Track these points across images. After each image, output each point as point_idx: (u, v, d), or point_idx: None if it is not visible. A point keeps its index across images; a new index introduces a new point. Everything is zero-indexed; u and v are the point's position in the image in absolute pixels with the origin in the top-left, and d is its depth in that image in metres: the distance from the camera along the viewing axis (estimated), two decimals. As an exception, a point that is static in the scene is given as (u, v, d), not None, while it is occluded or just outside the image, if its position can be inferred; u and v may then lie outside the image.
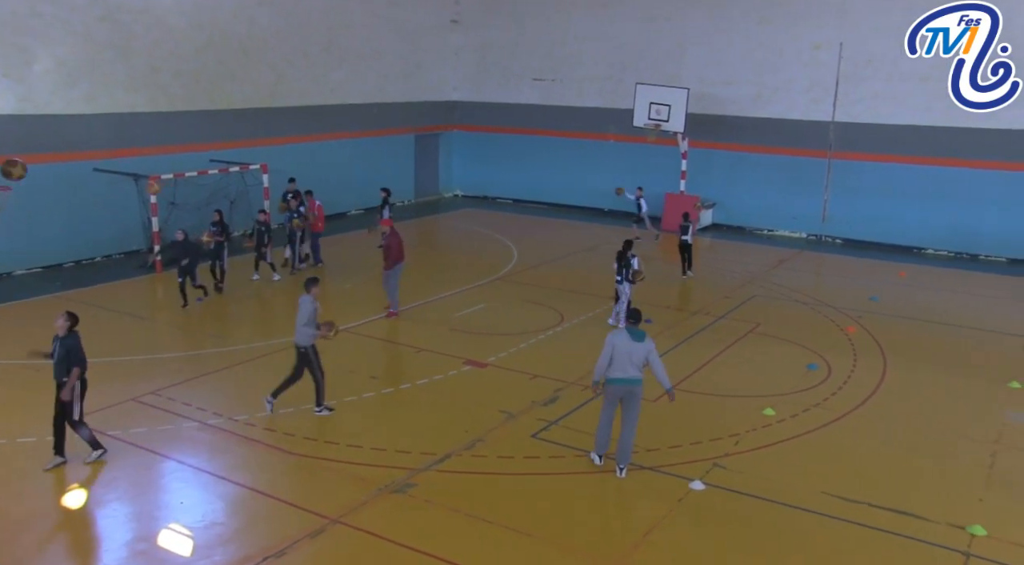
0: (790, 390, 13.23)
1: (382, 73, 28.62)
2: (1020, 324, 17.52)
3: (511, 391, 12.99)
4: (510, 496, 9.83)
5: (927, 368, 14.63)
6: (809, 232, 26.33)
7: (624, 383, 10.15)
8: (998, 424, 12.22)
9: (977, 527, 9.23)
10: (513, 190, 31.41)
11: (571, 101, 29.69)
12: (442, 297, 18.21)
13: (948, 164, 23.95)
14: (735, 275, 20.96)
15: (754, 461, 10.82)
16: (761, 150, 26.45)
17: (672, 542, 8.94)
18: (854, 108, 24.85)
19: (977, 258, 23.86)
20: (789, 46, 25.59)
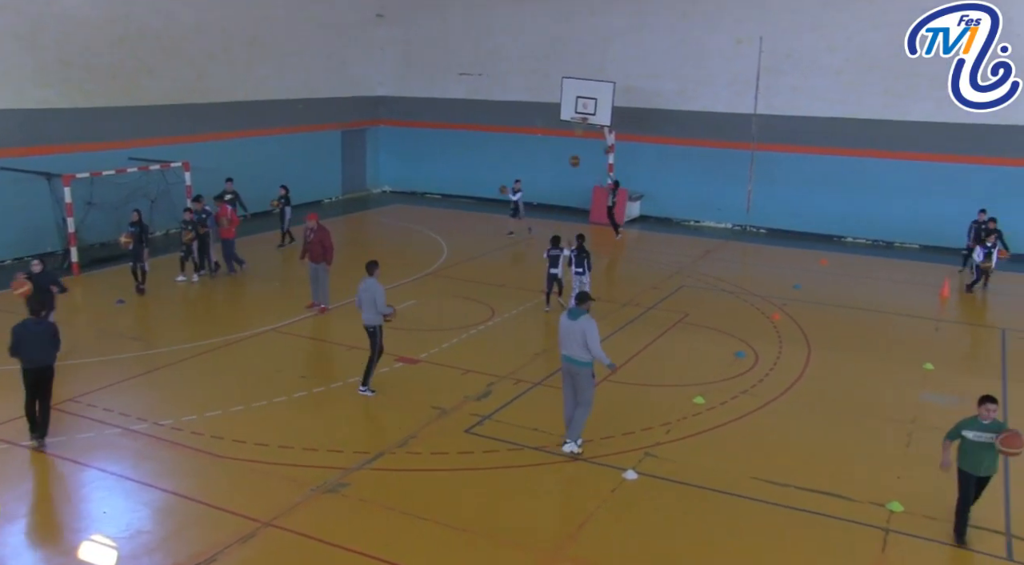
0: (719, 378, 13.49)
1: (307, 69, 28.16)
2: (932, 308, 18.23)
3: (443, 387, 12.94)
4: (445, 492, 9.79)
5: (848, 353, 15.08)
6: (734, 222, 26.89)
7: (567, 361, 10.55)
8: (914, 405, 12.68)
9: (895, 504, 9.57)
10: (442, 185, 31.29)
11: (498, 95, 29.70)
12: (372, 294, 18.00)
13: (864, 155, 24.74)
14: (663, 266, 21.27)
15: (685, 449, 11.00)
16: (687, 143, 26.88)
17: (607, 532, 9.03)
18: (775, 101, 25.45)
19: (892, 245, 24.72)
20: (711, 40, 26.06)
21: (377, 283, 12.49)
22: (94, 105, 21.56)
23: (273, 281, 19.35)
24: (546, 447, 10.86)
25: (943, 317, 17.81)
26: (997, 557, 8.76)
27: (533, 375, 13.51)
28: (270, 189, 22.62)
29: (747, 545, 8.86)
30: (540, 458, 10.60)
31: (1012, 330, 16.50)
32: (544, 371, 13.71)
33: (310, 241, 16.40)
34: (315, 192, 29.01)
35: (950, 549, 8.88)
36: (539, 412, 12.09)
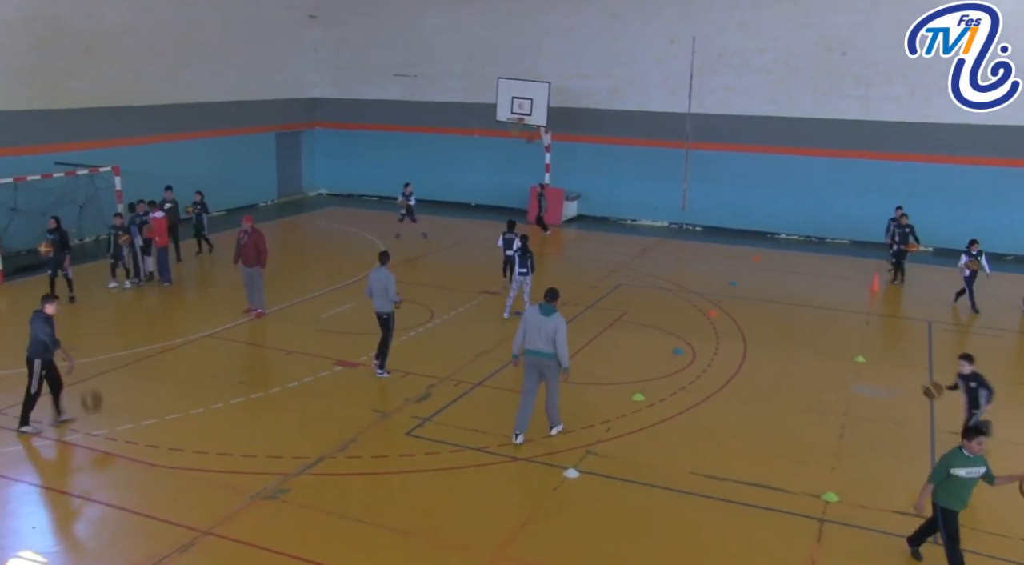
0: (658, 375, 13.66)
1: (239, 70, 27.72)
2: (863, 302, 18.75)
3: (383, 390, 12.87)
4: (386, 496, 9.73)
5: (782, 347, 15.42)
6: (670, 221, 27.27)
7: (535, 355, 10.75)
8: (846, 397, 13.02)
9: (830, 494, 9.81)
10: (378, 187, 31.06)
11: (433, 96, 29.64)
12: (309, 297, 17.82)
13: (795, 153, 25.33)
14: (601, 265, 21.46)
15: (626, 446, 11.11)
16: (622, 142, 27.18)
17: (549, 531, 9.07)
18: (708, 100, 25.90)
19: (824, 241, 25.36)
20: (644, 41, 26.39)
21: (388, 272, 13.18)
22: (15, 108, 20.88)
23: (208, 287, 18.99)
24: (487, 448, 10.87)
25: (873, 311, 18.33)
26: (927, 542, 9.02)
27: (473, 376, 13.51)
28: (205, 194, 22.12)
29: (687, 539, 8.99)
30: (481, 459, 10.61)
31: (937, 322, 17.06)
32: (484, 372, 13.72)
33: (244, 244, 16.04)
34: (250, 196, 28.59)
35: (882, 537, 9.14)
36: (480, 413, 12.11)
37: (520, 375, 11.38)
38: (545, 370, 10.86)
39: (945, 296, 18.51)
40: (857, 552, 8.90)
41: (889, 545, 9.01)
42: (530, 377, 10.98)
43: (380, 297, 13.16)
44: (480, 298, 17.49)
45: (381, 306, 13.19)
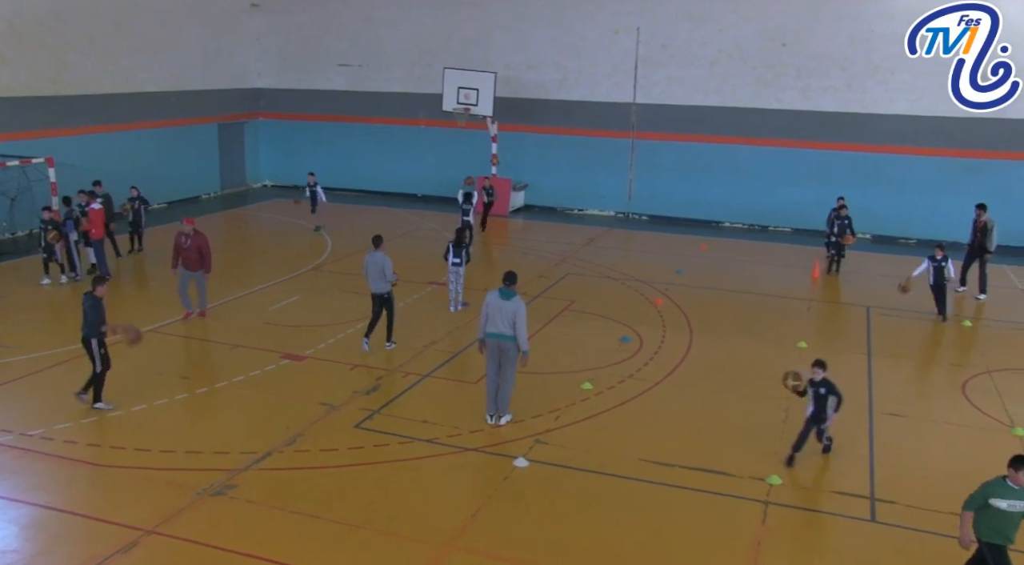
0: (605, 363, 13.77)
1: (179, 59, 27.12)
2: (804, 288, 19.14)
3: (331, 383, 12.75)
4: (335, 489, 9.66)
5: (727, 334, 15.65)
6: (617, 210, 27.47)
7: (497, 337, 10.95)
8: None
9: (774, 477, 10.01)
10: (324, 178, 30.30)
11: (379, 86, 29.39)
12: (254, 290, 17.57)
13: (739, 142, 25.71)
14: (548, 255, 21.53)
15: (575, 434, 11.18)
16: (569, 132, 27.28)
17: (499, 521, 9.10)
18: (653, 90, 26.13)
19: (767, 229, 25.81)
20: (591, 31, 26.49)
21: (384, 255, 13.80)
22: (-60, 96, 20.18)
23: (150, 281, 18.59)
24: (437, 439, 10.86)
25: (814, 297, 18.70)
26: (862, 519, 9.30)
27: (422, 367, 13.47)
28: (144, 186, 21.56)
29: (636, 525, 9.09)
30: (431, 450, 10.59)
31: (875, 307, 17.47)
32: (433, 363, 13.69)
33: (187, 248, 15.15)
34: (192, 188, 28.07)
35: (824, 517, 9.37)
36: (429, 404, 12.08)
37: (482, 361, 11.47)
38: (507, 353, 11.03)
39: (883, 282, 18.95)
40: (800, 533, 9.11)
41: (829, 524, 9.22)
42: (492, 360, 11.15)
43: (377, 279, 13.79)
44: (428, 289, 17.43)
45: (379, 287, 13.85)
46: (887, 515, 9.36)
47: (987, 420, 11.98)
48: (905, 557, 8.62)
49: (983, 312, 17.71)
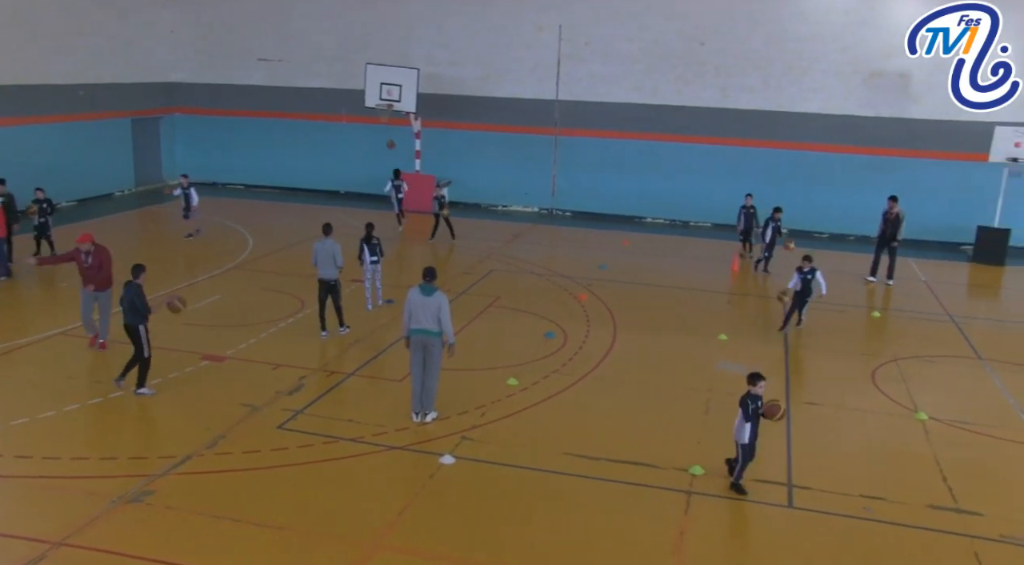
0: (531, 359, 13.83)
1: (87, 51, 26.13)
2: (723, 282, 19.61)
3: (253, 383, 12.49)
4: (258, 492, 9.47)
5: (651, 328, 15.90)
6: (541, 206, 27.63)
7: (420, 333, 10.96)
8: (711, 374, 13.56)
9: (696, 467, 10.22)
10: (245, 175, 30.13)
11: (301, 82, 28.91)
12: (173, 290, 17.08)
13: (660, 139, 26.13)
14: (473, 251, 21.52)
15: (501, 430, 11.21)
16: (493, 128, 27.32)
17: (426, 518, 9.06)
18: (576, 87, 26.34)
19: (687, 224, 26.31)
20: (514, 28, 26.56)
21: (335, 242, 14.35)
22: None
23: (60, 282, 17.89)
24: (362, 438, 10.75)
25: (734, 290, 19.15)
26: (780, 506, 9.57)
27: (346, 366, 13.33)
28: (52, 183, 20.70)
29: (562, 519, 9.17)
30: (356, 449, 10.48)
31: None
32: (357, 361, 13.55)
33: (88, 267, 13.50)
34: (104, 185, 27.15)
35: (744, 504, 9.59)
36: (353, 403, 11.97)
37: (406, 358, 11.40)
38: (431, 349, 11.03)
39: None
40: (723, 520, 9.32)
41: (752, 511, 9.46)
42: (417, 357, 11.12)
43: (327, 265, 14.27)
44: (351, 287, 17.20)
45: (329, 274, 14.32)
46: (803, 500, 9.65)
47: (894, 406, 12.46)
48: (820, 539, 8.89)
49: (890, 303, 18.41)
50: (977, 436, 11.59)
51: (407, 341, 11.19)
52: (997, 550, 8.79)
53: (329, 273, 14.35)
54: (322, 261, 14.32)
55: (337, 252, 14.30)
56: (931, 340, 15.80)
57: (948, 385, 13.84)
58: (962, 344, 15.66)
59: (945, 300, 18.68)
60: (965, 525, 9.23)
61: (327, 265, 14.31)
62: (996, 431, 11.73)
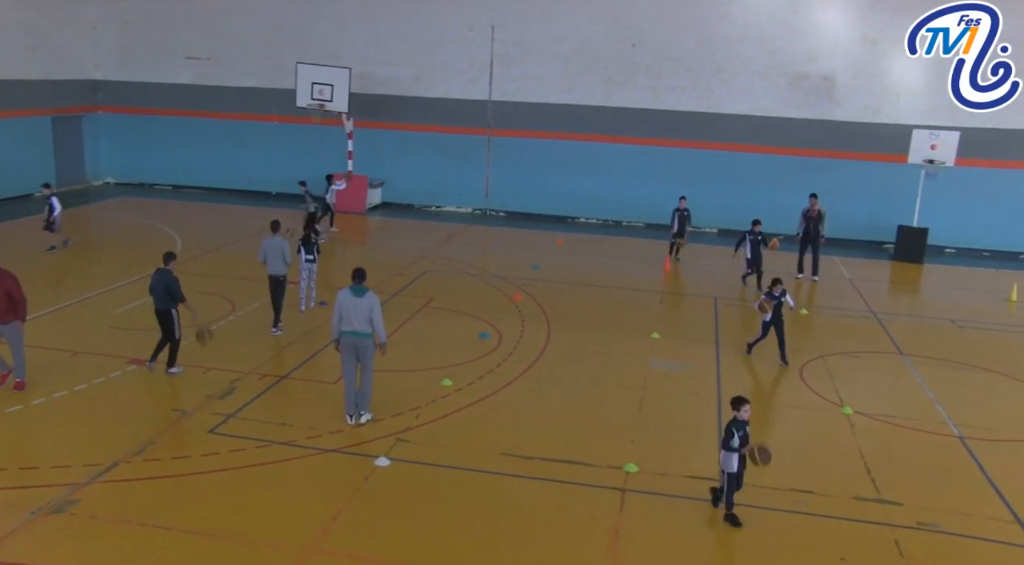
0: (465, 359, 13.82)
1: (3, 46, 25.18)
2: (656, 281, 19.88)
3: (183, 387, 12.23)
4: (189, 498, 9.27)
5: (585, 327, 16.03)
6: (474, 207, 27.63)
7: (352, 335, 10.92)
8: (644, 372, 13.74)
9: (631, 465, 10.34)
10: (172, 176, 29.43)
11: (230, 81, 28.37)
12: (98, 293, 16.62)
13: (591, 139, 26.38)
14: (406, 252, 21.41)
15: (436, 431, 11.18)
16: (425, 129, 27.22)
17: (361, 521, 8.98)
18: (508, 88, 26.42)
19: (620, 224, 26.61)
20: (446, 28, 26.51)
21: (283, 239, 14.69)
22: None
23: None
24: (295, 441, 10.61)
25: (666, 289, 19.43)
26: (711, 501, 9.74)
27: (279, 369, 13.14)
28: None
29: (498, 519, 9.19)
30: (289, 453, 10.34)
31: (722, 299, 18.34)
32: (290, 364, 13.37)
33: None
34: (21, 185, 26.16)
35: (678, 501, 9.74)
36: (286, 406, 11.81)
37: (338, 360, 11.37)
38: (364, 351, 11.01)
39: (729, 275, 19.89)
40: (657, 517, 9.44)
41: (685, 508, 9.61)
42: (349, 359, 11.08)
43: (276, 261, 14.52)
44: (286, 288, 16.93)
45: (278, 269, 14.57)
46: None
47: (821, 401, 12.81)
48: (752, 534, 9.08)
49: (816, 300, 18.91)
50: (899, 429, 12.00)
51: (337, 344, 11.12)
52: (915, 537, 9.12)
53: (278, 269, 14.58)
54: (271, 258, 14.55)
55: (286, 248, 14.59)
56: (856, 336, 16.29)
57: (872, 380, 14.28)
58: (885, 340, 16.18)
59: (868, 297, 19.28)
60: (887, 515, 9.55)
61: (276, 261, 14.54)
62: (916, 424, 12.16)
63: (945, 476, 10.67)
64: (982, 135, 23.51)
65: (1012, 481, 10.50)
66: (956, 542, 9.11)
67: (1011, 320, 18.19)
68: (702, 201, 21.83)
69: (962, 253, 24.67)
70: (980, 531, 9.31)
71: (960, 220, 24.52)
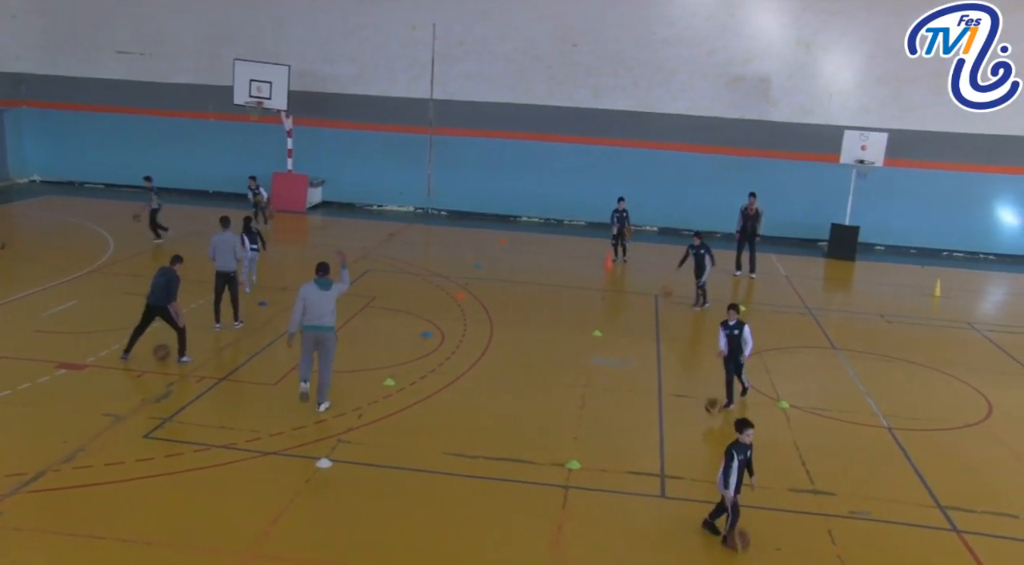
0: (408, 359, 13.75)
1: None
2: (597, 279, 20.06)
3: (116, 392, 11.91)
4: (123, 506, 9.02)
5: (527, 326, 16.08)
6: (416, 206, 27.51)
7: (317, 329, 11.18)
8: (587, 369, 13.83)
9: (574, 462, 10.40)
10: (104, 174, 28.65)
11: (164, 77, 27.75)
12: (24, 296, 16.10)
13: (533, 138, 26.49)
14: (348, 251, 21.04)
15: (378, 432, 11.10)
16: (367, 127, 27.02)
17: (302, 524, 8.86)
18: (450, 86, 26.35)
19: (563, 223, 26.75)
20: (388, 26, 26.34)
21: (233, 234, 14.88)
22: None
23: None
24: (235, 444, 10.42)
25: (607, 287, 19.59)
26: (653, 496, 9.87)
27: (217, 371, 12.89)
28: None
29: (441, 518, 9.15)
30: (229, 456, 10.15)
31: (662, 296, 18.55)
32: (229, 365, 13.15)
33: None
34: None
35: (620, 496, 9.83)
36: (225, 409, 11.63)
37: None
38: (326, 344, 11.27)
39: (669, 272, 20.10)
40: (599, 513, 9.50)
41: (627, 503, 9.71)
42: (308, 350, 11.29)
43: (226, 257, 14.51)
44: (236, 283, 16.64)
45: (228, 265, 14.55)
46: (675, 490, 9.99)
47: (759, 396, 13.04)
48: (692, 528, 9.21)
49: (753, 297, 19.27)
50: (831, 421, 12.30)
51: (291, 338, 11.24)
52: (847, 526, 9.39)
53: (228, 265, 14.57)
54: (221, 253, 14.55)
55: (237, 244, 14.76)
56: (792, 332, 16.64)
57: (807, 374, 14.62)
58: (819, 335, 16.57)
59: (803, 293, 19.73)
60: (820, 505, 9.79)
61: (226, 257, 14.54)
62: (848, 416, 12.48)
63: (874, 465, 10.98)
64: (909, 137, 24.26)
65: (934, 468, 10.90)
66: (884, 529, 9.41)
67: (935, 314, 18.79)
68: (642, 200, 22.07)
69: (891, 250, 25.42)
70: (906, 517, 9.65)
71: (889, 218, 25.25)
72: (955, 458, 11.39)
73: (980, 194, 25.16)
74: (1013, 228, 25.33)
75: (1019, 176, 24.73)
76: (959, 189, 24.96)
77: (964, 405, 13.23)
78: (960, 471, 10.99)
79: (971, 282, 22.35)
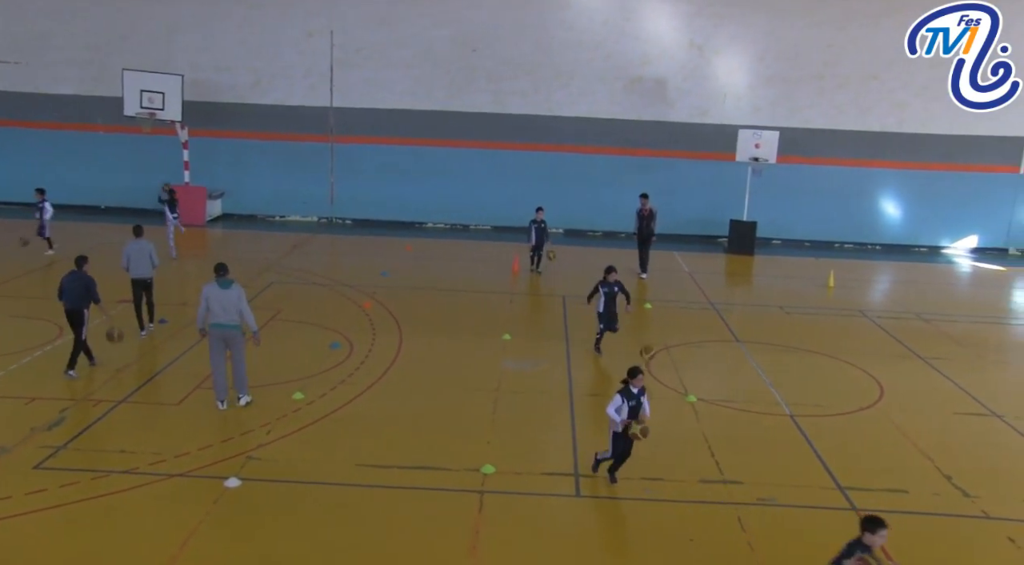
0: (316, 371, 13.51)
1: None
2: (503, 283, 20.13)
3: (2, 421, 11.29)
4: (11, 543, 8.52)
5: (436, 332, 16.02)
6: (320, 215, 27.10)
7: (222, 327, 11.51)
8: (497, 373, 13.86)
9: (488, 466, 10.41)
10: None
11: (44, 87, 26.52)
12: (-99, 324, 15.18)
13: (435, 144, 26.40)
14: (250, 264, 20.69)
15: (288, 447, 10.87)
16: (266, 137, 26.46)
17: (212, 546, 8.60)
18: (350, 93, 26.05)
19: (468, 228, 26.77)
20: (284, 33, 25.85)
21: (147, 242, 14.90)
22: None
23: None
24: (137, 469, 10.04)
25: (515, 290, 19.69)
26: (568, 496, 9.96)
27: (114, 394, 12.38)
28: None
29: (356, 531, 9.03)
30: (130, 482, 9.76)
31: (570, 297, 18.72)
32: (129, 386, 12.66)
33: None
34: None
35: (535, 498, 9.88)
36: (126, 432, 11.15)
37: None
38: (234, 341, 11.63)
39: (577, 273, 20.37)
40: (516, 515, 9.53)
41: (542, 504, 9.76)
42: (217, 348, 11.61)
43: (142, 264, 14.67)
44: (117, 308, 16.04)
45: (145, 273, 14.74)
46: (589, 488, 10.10)
47: (667, 391, 13.32)
48: (606, 524, 9.35)
49: (658, 294, 19.66)
50: (738, 412, 12.66)
51: (202, 332, 11.66)
52: (755, 512, 9.67)
53: (144, 272, 14.75)
54: (137, 261, 14.66)
55: (152, 251, 14.84)
56: (697, 327, 17.07)
57: (713, 368, 15.00)
58: (723, 329, 17.04)
59: (706, 289, 20.25)
60: (730, 494, 10.06)
61: (142, 264, 14.69)
62: (753, 407, 12.87)
63: (779, 453, 11.34)
64: (799, 134, 25.22)
65: (834, 452, 11.35)
66: (789, 513, 9.75)
67: (829, 304, 19.57)
68: (546, 202, 22.20)
69: (787, 244, 26.37)
70: (810, 500, 10.03)
71: (784, 213, 26.17)
72: (852, 441, 11.87)
73: (866, 188, 26.33)
74: (896, 219, 26.59)
75: (901, 170, 25.96)
76: (847, 184, 26.07)
77: (858, 390, 13.81)
78: (857, 453, 11.47)
79: (861, 272, 23.35)
